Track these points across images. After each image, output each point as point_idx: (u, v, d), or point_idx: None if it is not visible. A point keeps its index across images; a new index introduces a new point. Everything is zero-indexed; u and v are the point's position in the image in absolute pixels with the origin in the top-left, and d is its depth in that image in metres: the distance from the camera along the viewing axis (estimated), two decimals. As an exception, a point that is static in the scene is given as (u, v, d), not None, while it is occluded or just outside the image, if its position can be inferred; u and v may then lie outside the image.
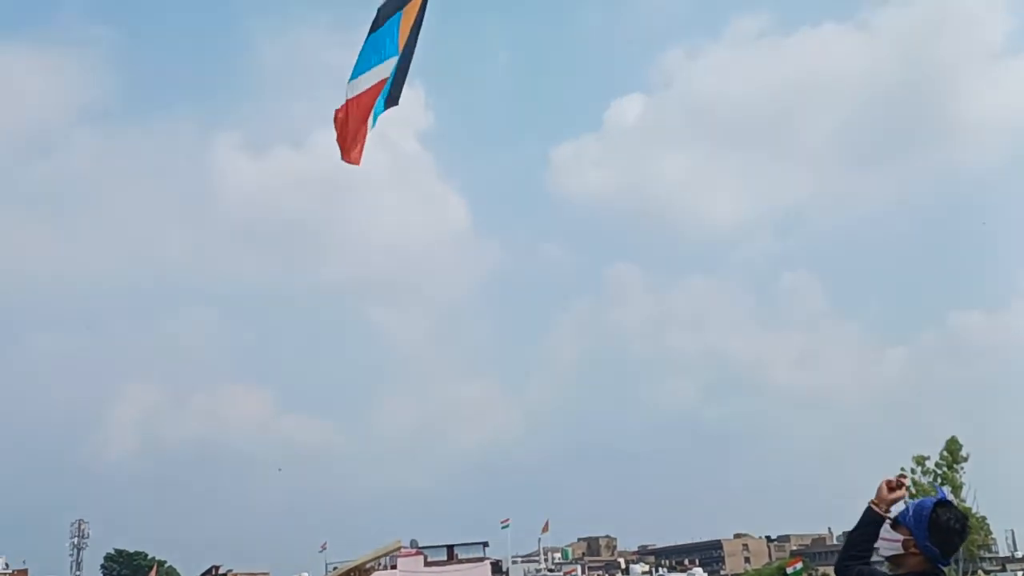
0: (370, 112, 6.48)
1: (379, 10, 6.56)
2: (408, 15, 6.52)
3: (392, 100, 6.66)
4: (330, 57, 33.41)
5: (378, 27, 6.54)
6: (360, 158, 6.43)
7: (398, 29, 6.48)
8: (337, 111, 6.63)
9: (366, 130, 6.44)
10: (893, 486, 3.09)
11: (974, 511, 27.58)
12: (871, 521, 3.06)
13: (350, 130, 6.44)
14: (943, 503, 2.97)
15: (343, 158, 6.38)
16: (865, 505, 3.07)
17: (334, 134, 6.59)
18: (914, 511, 2.98)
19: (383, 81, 6.53)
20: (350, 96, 6.52)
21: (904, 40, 30.52)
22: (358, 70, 6.45)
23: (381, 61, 6.52)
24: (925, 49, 30.52)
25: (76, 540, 48.76)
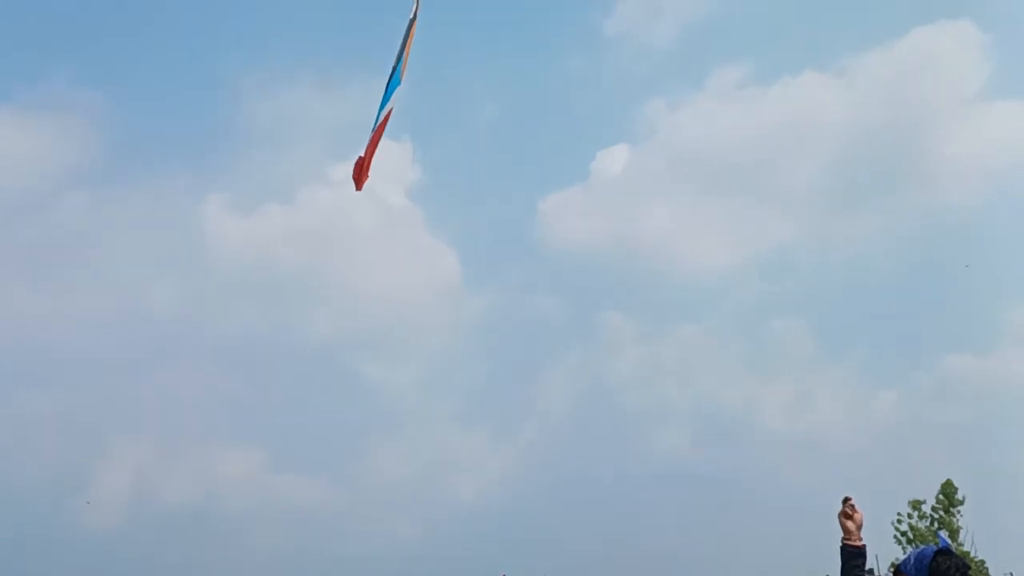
0: (377, 144, 6.77)
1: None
2: (407, 45, 6.82)
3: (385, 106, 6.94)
4: (317, 114, 34.07)
5: (393, 67, 6.84)
6: (363, 184, 6.71)
7: (402, 63, 6.77)
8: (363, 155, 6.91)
9: (370, 160, 6.72)
10: (848, 514, 3.14)
11: (972, 555, 27.45)
12: (852, 555, 3.11)
13: (365, 162, 6.70)
14: (944, 552, 2.99)
15: (356, 188, 6.70)
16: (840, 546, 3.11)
17: (349, 170, 6.84)
18: (915, 560, 3.01)
19: (389, 112, 6.80)
20: (373, 133, 6.83)
21: (883, 86, 31.42)
22: (380, 108, 6.77)
23: (390, 96, 6.81)
24: (904, 95, 31.32)
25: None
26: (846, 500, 3.28)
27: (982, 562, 30.98)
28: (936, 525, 27.38)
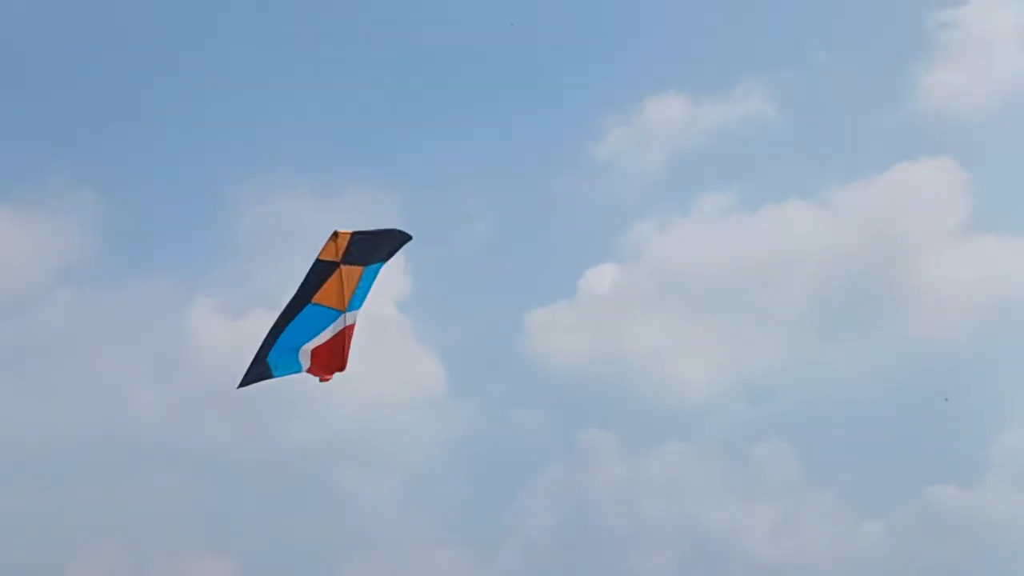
0: (337, 356, 7.19)
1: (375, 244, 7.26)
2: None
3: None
4: (309, 222, 34.69)
5: (368, 264, 7.22)
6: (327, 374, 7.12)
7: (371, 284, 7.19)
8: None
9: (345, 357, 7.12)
10: None
11: None
12: None
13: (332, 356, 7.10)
14: None
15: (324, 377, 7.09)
16: None
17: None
18: None
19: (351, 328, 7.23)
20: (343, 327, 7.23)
21: (866, 218, 32.30)
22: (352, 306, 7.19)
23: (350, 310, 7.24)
24: (887, 227, 32.14)
25: None
26: None
27: None
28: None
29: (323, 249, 7.10)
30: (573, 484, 31.74)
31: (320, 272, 7.09)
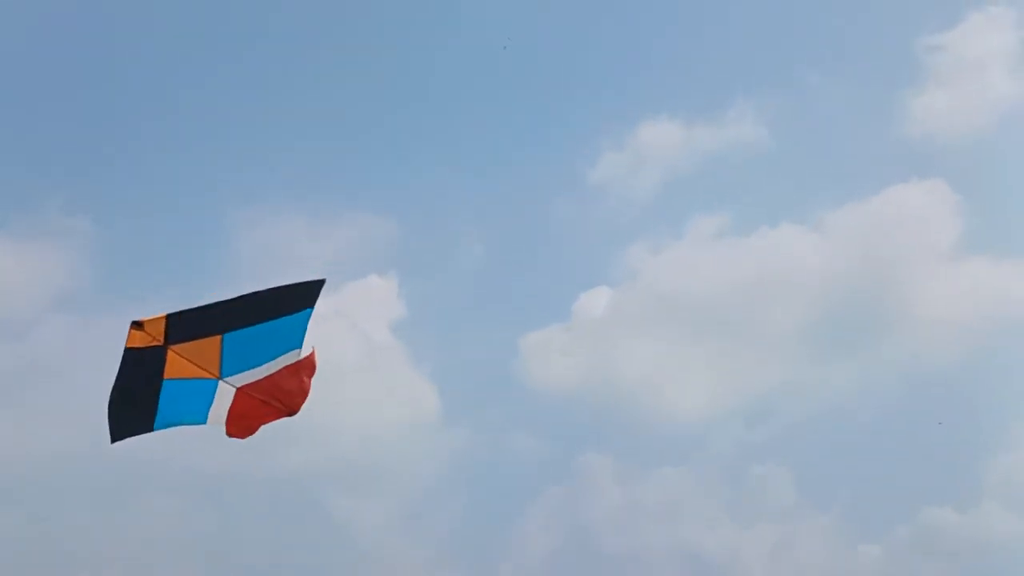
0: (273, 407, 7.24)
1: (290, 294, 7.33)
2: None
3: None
4: (305, 249, 34.73)
5: (285, 314, 7.28)
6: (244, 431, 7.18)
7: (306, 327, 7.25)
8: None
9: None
10: None
11: None
12: None
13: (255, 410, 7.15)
14: None
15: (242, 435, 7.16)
16: None
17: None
18: None
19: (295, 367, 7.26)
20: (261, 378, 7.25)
21: (859, 240, 32.45)
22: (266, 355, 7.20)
23: (283, 351, 7.28)
24: (879, 249, 32.31)
25: None
26: None
27: None
28: None
29: (128, 338, 6.98)
30: (570, 508, 31.71)
31: (141, 360, 6.99)
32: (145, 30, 35.07)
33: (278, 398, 7.32)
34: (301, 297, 7.48)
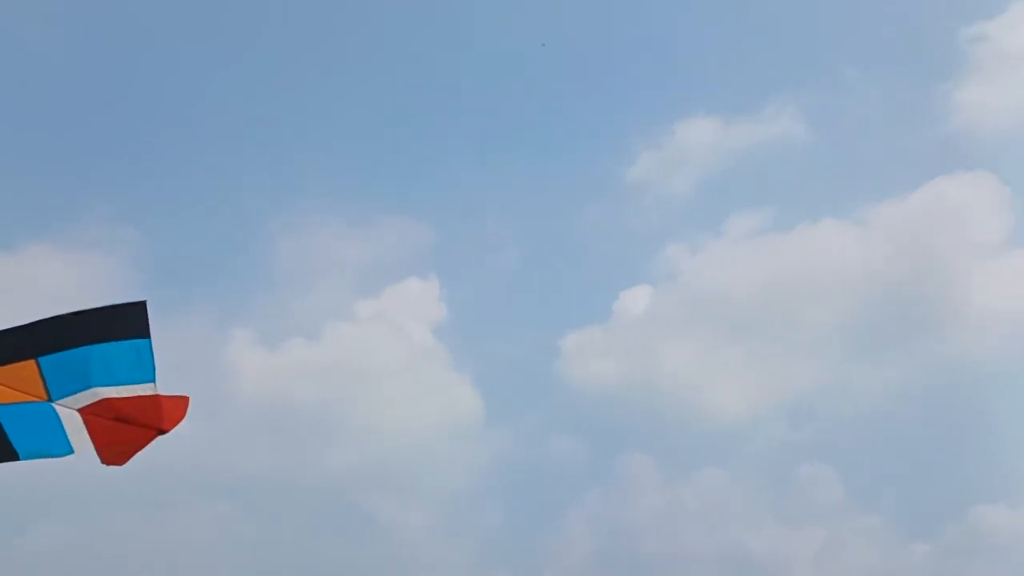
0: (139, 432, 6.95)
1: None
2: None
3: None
4: (342, 252, 34.90)
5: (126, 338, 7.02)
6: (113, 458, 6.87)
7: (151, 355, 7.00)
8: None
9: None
10: None
11: None
12: None
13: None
14: None
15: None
16: None
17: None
18: None
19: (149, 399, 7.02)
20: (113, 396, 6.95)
21: (902, 235, 31.86)
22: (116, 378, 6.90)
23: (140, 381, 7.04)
24: (923, 244, 31.71)
25: None
26: None
27: None
28: None
29: None
30: (612, 510, 31.51)
31: None
32: (187, 38, 35.44)
33: (139, 420, 6.99)
34: (123, 322, 7.20)
